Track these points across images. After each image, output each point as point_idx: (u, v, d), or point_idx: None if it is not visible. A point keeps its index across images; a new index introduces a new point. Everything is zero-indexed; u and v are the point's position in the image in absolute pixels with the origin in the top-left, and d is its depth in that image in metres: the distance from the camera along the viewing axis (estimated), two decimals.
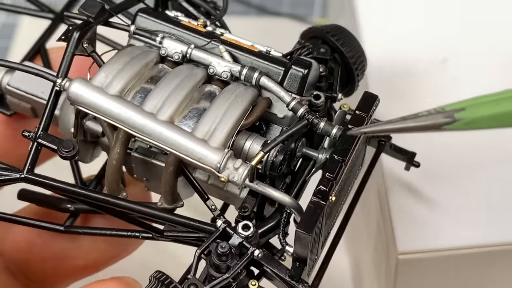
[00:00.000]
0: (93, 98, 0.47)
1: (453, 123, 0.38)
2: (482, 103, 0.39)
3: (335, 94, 0.53)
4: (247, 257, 0.45)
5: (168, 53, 0.50)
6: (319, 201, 0.45)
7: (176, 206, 0.49)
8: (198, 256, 0.45)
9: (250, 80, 0.49)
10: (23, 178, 0.47)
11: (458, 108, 0.39)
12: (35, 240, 0.55)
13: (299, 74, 0.49)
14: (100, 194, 0.48)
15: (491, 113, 0.38)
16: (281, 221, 0.48)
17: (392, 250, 0.56)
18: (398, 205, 0.57)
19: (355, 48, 0.54)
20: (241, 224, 0.46)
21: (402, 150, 0.56)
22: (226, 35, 0.52)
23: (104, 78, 0.48)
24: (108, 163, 0.49)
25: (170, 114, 0.47)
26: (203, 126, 0.47)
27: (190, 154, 0.46)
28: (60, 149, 0.47)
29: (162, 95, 0.47)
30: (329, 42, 0.53)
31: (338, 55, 0.53)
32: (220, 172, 0.46)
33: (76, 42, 0.49)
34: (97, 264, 0.57)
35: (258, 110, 0.49)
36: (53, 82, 0.48)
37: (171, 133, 0.46)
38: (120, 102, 0.47)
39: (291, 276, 0.46)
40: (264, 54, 0.50)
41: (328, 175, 0.46)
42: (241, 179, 0.45)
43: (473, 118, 0.39)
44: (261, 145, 0.48)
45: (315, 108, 0.50)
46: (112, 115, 0.47)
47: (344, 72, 0.54)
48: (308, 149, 0.50)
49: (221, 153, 0.46)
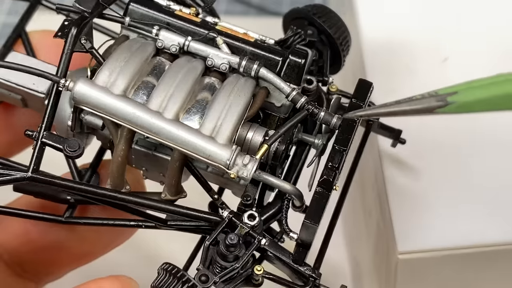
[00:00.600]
0: (99, 99, 0.47)
1: (446, 106, 0.39)
2: (474, 87, 0.39)
3: (326, 78, 0.54)
4: (255, 247, 0.47)
5: (165, 46, 0.50)
6: (324, 191, 0.46)
7: (180, 197, 0.50)
8: (207, 247, 0.46)
9: (249, 71, 0.49)
10: (29, 177, 0.47)
11: (450, 92, 0.39)
12: (31, 229, 0.55)
13: (297, 64, 0.50)
14: (107, 190, 0.48)
15: (482, 97, 0.39)
16: (282, 208, 0.49)
17: (392, 250, 0.56)
18: (398, 205, 0.57)
19: (339, 27, 0.55)
20: (246, 214, 0.47)
21: (389, 128, 0.57)
22: (219, 23, 0.52)
23: (107, 77, 0.48)
24: (113, 160, 0.49)
25: (175, 112, 0.47)
26: (209, 123, 0.47)
27: (199, 152, 0.46)
28: (65, 148, 0.47)
29: (166, 93, 0.47)
30: (315, 23, 0.54)
31: (324, 36, 0.54)
32: (229, 169, 0.46)
33: (74, 38, 0.49)
34: (93, 251, 0.57)
35: (258, 101, 0.49)
36: (56, 82, 0.48)
37: (179, 131, 0.47)
38: (127, 102, 0.47)
39: (294, 261, 0.47)
40: (261, 44, 0.50)
41: (331, 165, 0.47)
42: (250, 174, 0.46)
43: (465, 101, 0.39)
44: (262, 136, 0.48)
45: (308, 93, 0.51)
46: (119, 116, 0.47)
47: (330, 51, 0.55)
48: (304, 134, 0.51)
49: (229, 150, 0.46)
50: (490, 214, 0.56)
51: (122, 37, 0.51)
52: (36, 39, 0.57)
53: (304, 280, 0.48)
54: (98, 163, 0.54)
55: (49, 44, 0.56)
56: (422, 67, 0.63)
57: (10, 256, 0.55)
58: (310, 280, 0.47)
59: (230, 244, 0.46)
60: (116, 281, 0.46)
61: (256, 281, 0.48)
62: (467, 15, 0.66)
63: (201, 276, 0.45)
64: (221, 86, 0.49)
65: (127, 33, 0.51)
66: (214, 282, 0.45)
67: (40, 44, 0.53)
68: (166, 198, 0.50)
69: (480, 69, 0.61)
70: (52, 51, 0.55)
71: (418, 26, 0.65)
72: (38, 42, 0.56)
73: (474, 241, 0.56)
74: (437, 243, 0.56)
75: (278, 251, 0.48)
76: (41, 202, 0.53)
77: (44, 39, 0.56)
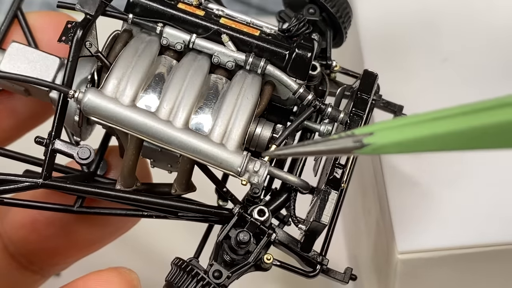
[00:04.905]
0: (109, 111, 0.47)
1: (362, 148, 0.37)
2: (389, 128, 0.37)
3: (329, 62, 0.54)
4: (266, 242, 0.48)
5: (169, 43, 0.50)
6: (332, 191, 0.48)
7: (190, 192, 0.51)
8: (220, 243, 0.47)
9: (256, 69, 0.49)
10: (42, 184, 0.48)
11: (366, 132, 0.37)
12: (38, 218, 0.55)
13: (303, 58, 0.50)
14: (120, 192, 0.49)
15: (396, 140, 0.37)
16: (290, 198, 0.50)
17: (392, 250, 0.56)
18: (398, 205, 0.57)
19: (340, 3, 0.54)
20: (256, 209, 0.48)
21: (390, 104, 0.57)
22: (223, 15, 0.51)
23: (116, 86, 0.47)
24: (124, 163, 0.49)
25: (185, 119, 0.47)
26: (219, 129, 0.47)
27: (210, 160, 0.47)
28: (77, 156, 0.48)
29: (174, 99, 0.47)
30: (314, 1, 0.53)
31: (326, 14, 0.54)
32: (241, 176, 0.47)
33: (79, 43, 0.48)
34: (100, 239, 0.57)
35: (266, 98, 0.50)
36: (64, 93, 0.48)
37: (190, 140, 0.47)
38: (136, 112, 0.47)
39: (302, 248, 0.49)
40: (266, 38, 0.50)
41: (339, 164, 0.48)
42: (261, 180, 0.47)
43: (380, 144, 0.37)
44: (270, 131, 0.49)
45: (312, 79, 0.52)
46: (129, 126, 0.47)
47: (332, 26, 0.54)
48: (309, 121, 0.51)
49: (240, 156, 0.47)
50: (490, 214, 0.56)
51: (126, 34, 0.50)
52: (33, 19, 0.56)
53: (312, 265, 0.50)
54: (105, 150, 0.54)
55: (46, 25, 0.55)
56: (420, 66, 0.63)
57: (16, 248, 0.55)
58: (318, 264, 0.49)
59: (242, 241, 0.47)
60: (115, 272, 0.46)
61: (264, 267, 0.49)
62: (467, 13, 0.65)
63: (214, 272, 0.47)
64: (228, 85, 0.49)
65: (129, 27, 0.51)
66: (227, 277, 0.47)
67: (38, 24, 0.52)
68: (176, 193, 0.50)
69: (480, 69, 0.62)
70: (50, 31, 0.54)
71: (417, 24, 0.65)
72: (36, 22, 0.55)
73: (474, 241, 0.56)
74: (437, 243, 0.56)
75: (287, 240, 0.49)
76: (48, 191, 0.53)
77: (41, 19, 0.55)
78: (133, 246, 0.61)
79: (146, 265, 0.49)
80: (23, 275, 0.56)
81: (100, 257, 0.59)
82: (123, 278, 0.46)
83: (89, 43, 0.48)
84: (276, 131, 0.49)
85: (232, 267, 0.47)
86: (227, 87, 0.49)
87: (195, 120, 0.48)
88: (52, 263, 0.57)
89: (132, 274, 0.47)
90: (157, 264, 0.64)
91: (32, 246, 0.55)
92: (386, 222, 0.57)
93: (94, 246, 0.57)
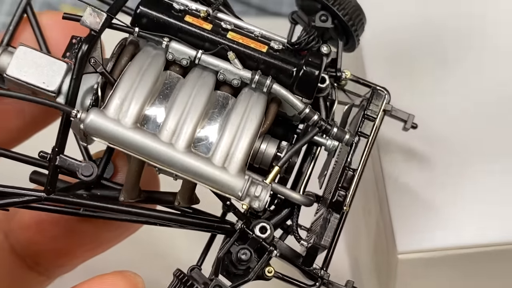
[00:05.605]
0: (111, 133, 0.46)
1: None
2: None
3: (339, 73, 0.53)
4: (267, 259, 0.48)
5: (175, 58, 0.49)
6: (332, 215, 0.48)
7: (192, 204, 0.50)
8: (221, 258, 0.47)
9: (261, 87, 0.48)
10: (45, 198, 0.48)
11: None
12: (44, 218, 0.55)
13: (311, 76, 0.49)
14: (122, 206, 0.49)
15: None
16: (293, 213, 0.50)
17: (392, 250, 0.56)
18: (398, 205, 0.57)
19: (350, 7, 0.53)
20: (258, 226, 0.48)
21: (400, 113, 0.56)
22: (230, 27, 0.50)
23: (119, 107, 0.47)
24: (126, 178, 0.49)
25: (187, 142, 0.47)
26: (221, 151, 0.47)
27: (211, 183, 0.47)
28: (80, 174, 0.48)
29: (177, 120, 0.47)
30: (326, 8, 0.52)
31: (338, 22, 0.52)
32: (242, 200, 0.46)
33: (84, 60, 0.47)
34: (106, 241, 0.57)
35: (271, 116, 0.49)
36: (67, 113, 0.47)
37: (191, 163, 0.46)
38: (138, 134, 0.46)
39: (304, 262, 0.49)
40: (273, 54, 0.49)
41: (342, 186, 0.48)
42: (262, 205, 0.47)
43: None
44: (276, 148, 0.49)
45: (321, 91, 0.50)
46: (131, 148, 0.47)
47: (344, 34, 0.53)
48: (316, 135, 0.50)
49: (242, 180, 0.46)
50: (490, 214, 0.57)
51: (132, 46, 0.50)
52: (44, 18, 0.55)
53: (314, 279, 0.50)
54: (111, 152, 0.53)
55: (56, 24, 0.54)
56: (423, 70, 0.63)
57: (23, 248, 0.56)
58: (319, 279, 0.49)
59: (242, 260, 0.47)
60: (120, 276, 0.46)
61: (266, 278, 0.49)
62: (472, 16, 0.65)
63: (215, 287, 0.47)
64: (233, 102, 0.48)
65: (136, 39, 0.50)
66: None
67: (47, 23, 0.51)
68: (180, 206, 0.50)
69: None
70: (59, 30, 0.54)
71: (421, 27, 0.65)
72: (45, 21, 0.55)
73: (474, 241, 0.56)
74: (437, 243, 0.56)
75: (289, 253, 0.49)
76: None
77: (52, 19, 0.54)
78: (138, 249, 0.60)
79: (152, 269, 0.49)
80: (29, 276, 0.56)
81: (104, 260, 0.59)
82: (128, 282, 0.46)
83: (94, 60, 0.48)
84: (281, 148, 0.49)
85: (234, 278, 0.48)
86: (232, 106, 0.48)
87: (198, 141, 0.47)
88: (58, 264, 0.57)
89: (137, 278, 0.46)
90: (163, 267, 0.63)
91: (39, 247, 0.55)
92: (386, 223, 0.57)
93: (100, 247, 0.57)
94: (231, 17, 0.51)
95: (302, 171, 0.51)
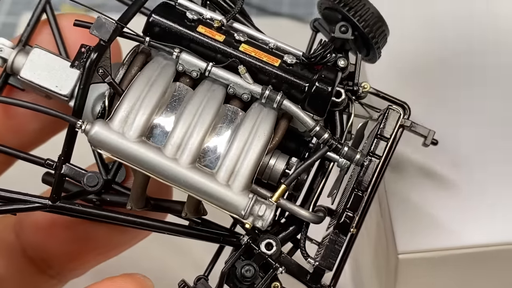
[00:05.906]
0: (115, 146, 0.46)
1: None
2: None
3: (356, 87, 0.51)
4: (271, 276, 0.47)
5: (185, 70, 0.48)
6: (339, 237, 0.47)
7: (200, 216, 0.50)
8: (226, 274, 0.47)
9: (271, 103, 0.47)
10: (50, 206, 0.48)
11: None
12: (57, 221, 0.54)
13: (323, 93, 0.47)
14: (128, 215, 0.49)
15: None
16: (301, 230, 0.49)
17: (392, 250, 0.56)
18: (398, 205, 0.57)
19: (372, 18, 0.51)
20: (264, 242, 0.47)
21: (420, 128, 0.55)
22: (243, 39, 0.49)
23: (124, 119, 0.46)
24: (132, 189, 0.49)
25: (192, 158, 0.46)
26: (226, 169, 0.46)
27: (214, 200, 0.46)
28: (85, 184, 0.48)
29: (183, 135, 0.46)
30: (347, 19, 0.50)
31: (358, 34, 0.51)
32: (245, 219, 0.46)
33: (92, 70, 0.46)
34: (118, 244, 0.56)
35: (280, 132, 0.48)
36: (73, 124, 0.47)
37: (194, 179, 0.46)
38: (142, 148, 0.46)
39: (310, 280, 0.49)
40: (286, 68, 0.48)
41: (349, 208, 0.47)
42: (266, 225, 0.46)
43: None
44: (285, 164, 0.48)
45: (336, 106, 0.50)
46: (134, 162, 0.46)
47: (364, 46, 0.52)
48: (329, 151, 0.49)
49: (245, 199, 0.46)
50: (490, 214, 0.57)
51: (142, 56, 0.49)
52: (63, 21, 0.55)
53: None
54: None
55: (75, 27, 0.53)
56: None
57: (35, 251, 0.55)
58: None
59: (246, 276, 0.47)
60: (130, 279, 0.46)
61: None
62: None
63: None
64: (242, 117, 0.48)
65: (147, 48, 0.49)
66: None
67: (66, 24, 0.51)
68: (187, 217, 0.50)
69: None
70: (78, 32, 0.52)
71: None
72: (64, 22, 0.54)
73: (474, 241, 0.56)
74: (437, 243, 0.56)
75: (296, 269, 0.49)
76: None
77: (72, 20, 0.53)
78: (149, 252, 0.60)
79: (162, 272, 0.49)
80: (41, 279, 0.56)
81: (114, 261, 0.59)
82: (138, 284, 0.46)
83: (102, 70, 0.47)
84: (290, 165, 0.48)
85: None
86: (240, 121, 0.47)
87: (203, 155, 0.47)
88: (70, 268, 0.57)
89: (147, 281, 0.46)
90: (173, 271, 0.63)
91: (50, 250, 0.55)
92: (386, 223, 0.57)
93: (113, 251, 0.57)
94: (246, 27, 0.50)
95: (313, 187, 0.50)
